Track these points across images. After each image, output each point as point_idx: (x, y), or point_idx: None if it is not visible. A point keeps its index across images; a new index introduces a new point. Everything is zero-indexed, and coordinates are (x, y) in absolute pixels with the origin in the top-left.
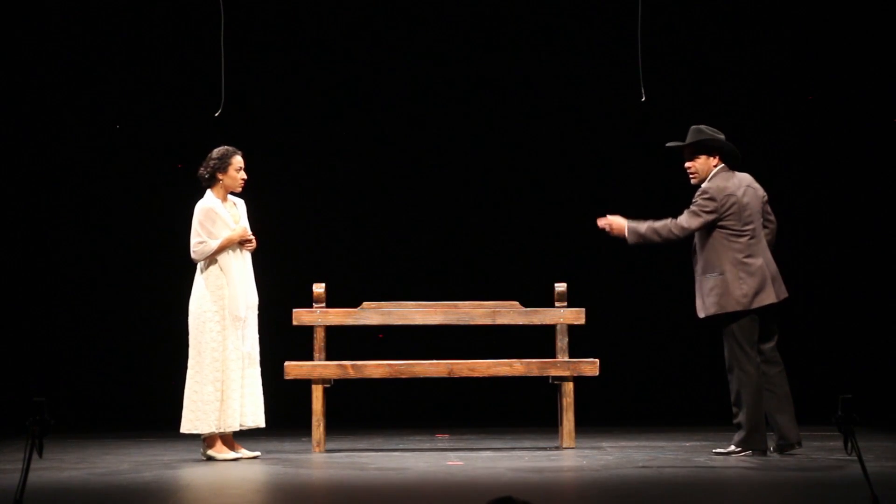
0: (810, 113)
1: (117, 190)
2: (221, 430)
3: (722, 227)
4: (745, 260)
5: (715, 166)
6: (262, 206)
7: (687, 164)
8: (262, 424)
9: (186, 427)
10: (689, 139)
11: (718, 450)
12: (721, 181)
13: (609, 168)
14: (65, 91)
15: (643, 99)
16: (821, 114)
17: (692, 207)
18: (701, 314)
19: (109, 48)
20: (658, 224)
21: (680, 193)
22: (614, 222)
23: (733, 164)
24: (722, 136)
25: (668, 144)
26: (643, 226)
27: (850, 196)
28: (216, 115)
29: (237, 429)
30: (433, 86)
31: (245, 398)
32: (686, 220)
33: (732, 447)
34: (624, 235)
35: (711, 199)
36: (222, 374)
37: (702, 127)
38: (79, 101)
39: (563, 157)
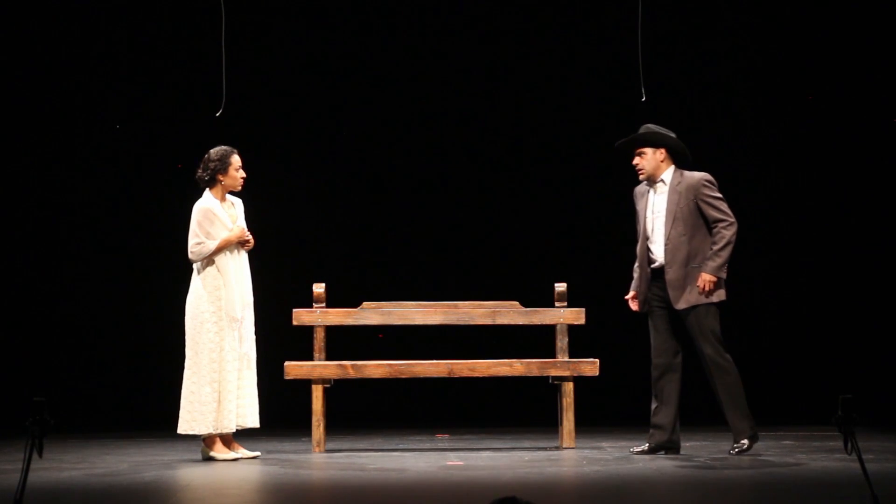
0: (810, 113)
1: (117, 190)
2: (218, 431)
3: (704, 218)
4: None
5: (661, 161)
6: (262, 206)
7: (634, 161)
8: (257, 425)
9: (183, 428)
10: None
11: (734, 450)
12: (679, 175)
13: (609, 168)
14: (65, 91)
15: (643, 99)
16: (821, 114)
17: (714, 202)
18: (682, 305)
19: (109, 48)
20: (716, 246)
21: None
22: (704, 278)
23: (682, 163)
24: (672, 135)
25: (617, 144)
26: (716, 257)
27: (850, 196)
28: (216, 115)
29: (233, 430)
30: (433, 86)
31: (241, 399)
32: (725, 214)
33: (745, 442)
34: (718, 278)
35: (713, 182)
36: (219, 375)
37: (650, 125)
38: (79, 101)
39: (563, 156)
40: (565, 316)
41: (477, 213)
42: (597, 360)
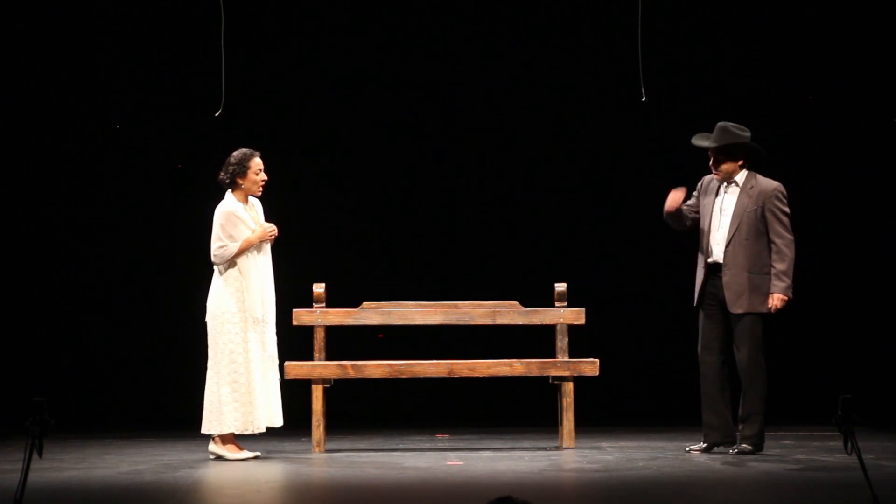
0: (810, 113)
1: (116, 190)
2: (250, 431)
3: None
4: None
5: (741, 166)
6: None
7: (711, 166)
8: (280, 424)
9: (206, 428)
10: (715, 138)
11: (734, 450)
12: (753, 179)
13: (609, 168)
14: (65, 91)
15: (643, 99)
16: (821, 114)
17: (781, 216)
18: (739, 310)
19: (109, 48)
20: (782, 265)
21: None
22: (776, 300)
23: (757, 163)
24: (747, 134)
25: (695, 143)
26: (784, 276)
27: (849, 196)
28: (216, 115)
29: (263, 430)
30: (433, 86)
31: (267, 398)
32: (787, 231)
33: (749, 448)
34: (788, 298)
35: (785, 195)
36: (246, 377)
37: (728, 126)
38: (79, 102)
39: (564, 156)
40: (565, 316)
41: (477, 213)
42: (597, 360)
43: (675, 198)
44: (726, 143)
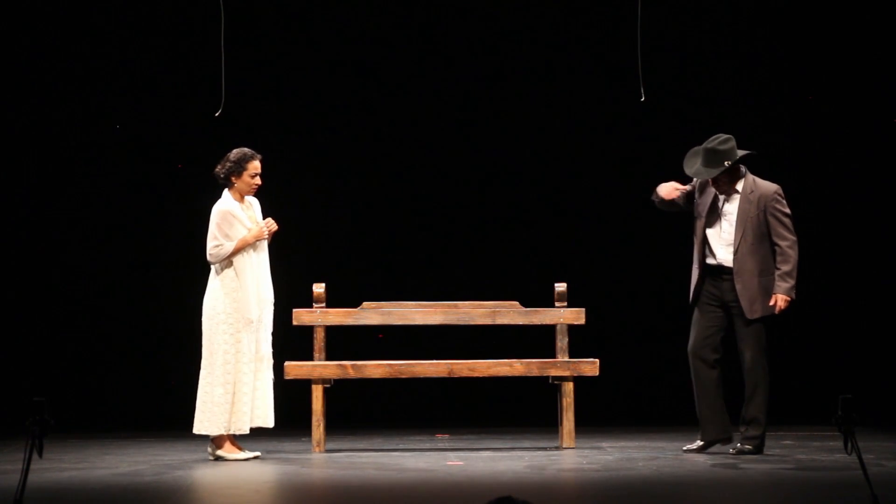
0: (810, 113)
1: (116, 190)
2: (232, 432)
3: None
4: None
5: (739, 177)
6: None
7: (713, 187)
8: (271, 425)
9: (198, 428)
10: (707, 161)
11: (734, 450)
12: (753, 183)
13: (608, 168)
14: (65, 91)
15: (643, 99)
16: (821, 114)
17: (783, 218)
18: (755, 315)
19: (109, 48)
20: (786, 266)
21: None
22: (780, 300)
23: (752, 166)
24: (732, 143)
25: (691, 174)
26: (788, 278)
27: (849, 196)
28: (216, 115)
29: (247, 431)
30: (433, 86)
31: (257, 399)
32: (790, 232)
33: (749, 447)
34: (791, 299)
35: (783, 196)
36: (234, 377)
37: (715, 146)
38: (79, 101)
39: (563, 157)
40: (565, 316)
41: (477, 213)
42: (597, 360)
43: (669, 191)
44: (723, 171)
